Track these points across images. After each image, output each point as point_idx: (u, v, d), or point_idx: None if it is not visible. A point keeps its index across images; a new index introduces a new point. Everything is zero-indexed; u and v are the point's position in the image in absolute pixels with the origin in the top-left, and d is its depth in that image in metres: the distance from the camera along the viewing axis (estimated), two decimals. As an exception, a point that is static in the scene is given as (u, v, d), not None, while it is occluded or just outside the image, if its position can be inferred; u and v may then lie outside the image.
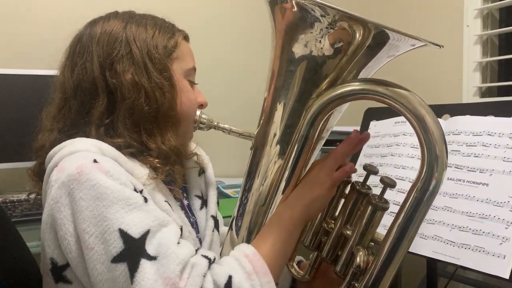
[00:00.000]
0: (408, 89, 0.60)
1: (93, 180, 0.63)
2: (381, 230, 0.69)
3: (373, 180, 0.73)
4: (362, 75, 0.67)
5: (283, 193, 0.70)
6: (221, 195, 1.61)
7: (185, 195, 0.90)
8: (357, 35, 0.61)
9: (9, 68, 1.46)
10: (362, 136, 0.70)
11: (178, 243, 0.63)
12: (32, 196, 0.82)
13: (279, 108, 0.70)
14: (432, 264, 1.19)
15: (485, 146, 0.98)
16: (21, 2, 1.63)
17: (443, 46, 0.61)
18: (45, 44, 1.56)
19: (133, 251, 0.59)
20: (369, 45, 0.62)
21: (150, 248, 0.60)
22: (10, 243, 0.85)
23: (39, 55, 1.55)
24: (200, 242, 0.85)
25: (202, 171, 0.94)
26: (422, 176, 0.60)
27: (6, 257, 0.81)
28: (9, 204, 1.27)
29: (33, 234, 1.10)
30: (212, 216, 0.89)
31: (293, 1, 0.63)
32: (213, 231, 0.87)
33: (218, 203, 0.94)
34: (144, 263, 0.58)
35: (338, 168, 0.69)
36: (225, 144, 1.63)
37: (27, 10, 1.63)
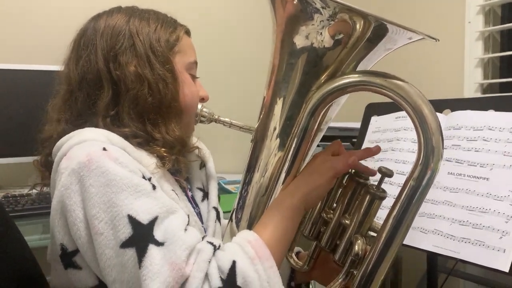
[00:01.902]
0: (406, 80, 0.61)
1: (102, 167, 0.64)
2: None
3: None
4: (360, 67, 0.68)
5: (283, 184, 0.71)
6: (222, 190, 1.61)
7: (189, 186, 0.91)
8: (357, 27, 0.62)
9: (9, 63, 1.46)
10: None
11: (185, 230, 0.64)
12: (38, 188, 0.82)
13: (279, 101, 0.71)
14: (433, 259, 1.19)
15: (485, 140, 0.98)
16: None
17: (438, 40, 0.61)
18: (47, 39, 1.57)
19: (141, 236, 0.60)
20: (369, 37, 0.63)
21: (158, 234, 0.61)
22: (9, 241, 0.85)
23: (40, 50, 1.55)
24: (205, 233, 0.86)
25: (203, 165, 0.95)
26: (419, 165, 0.61)
27: (5, 255, 0.81)
28: (11, 199, 1.28)
29: (35, 228, 1.12)
30: (214, 208, 0.90)
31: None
32: (215, 222, 0.88)
33: (219, 197, 0.95)
34: (152, 249, 0.59)
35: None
36: (226, 140, 1.64)
37: (31, 6, 1.64)
